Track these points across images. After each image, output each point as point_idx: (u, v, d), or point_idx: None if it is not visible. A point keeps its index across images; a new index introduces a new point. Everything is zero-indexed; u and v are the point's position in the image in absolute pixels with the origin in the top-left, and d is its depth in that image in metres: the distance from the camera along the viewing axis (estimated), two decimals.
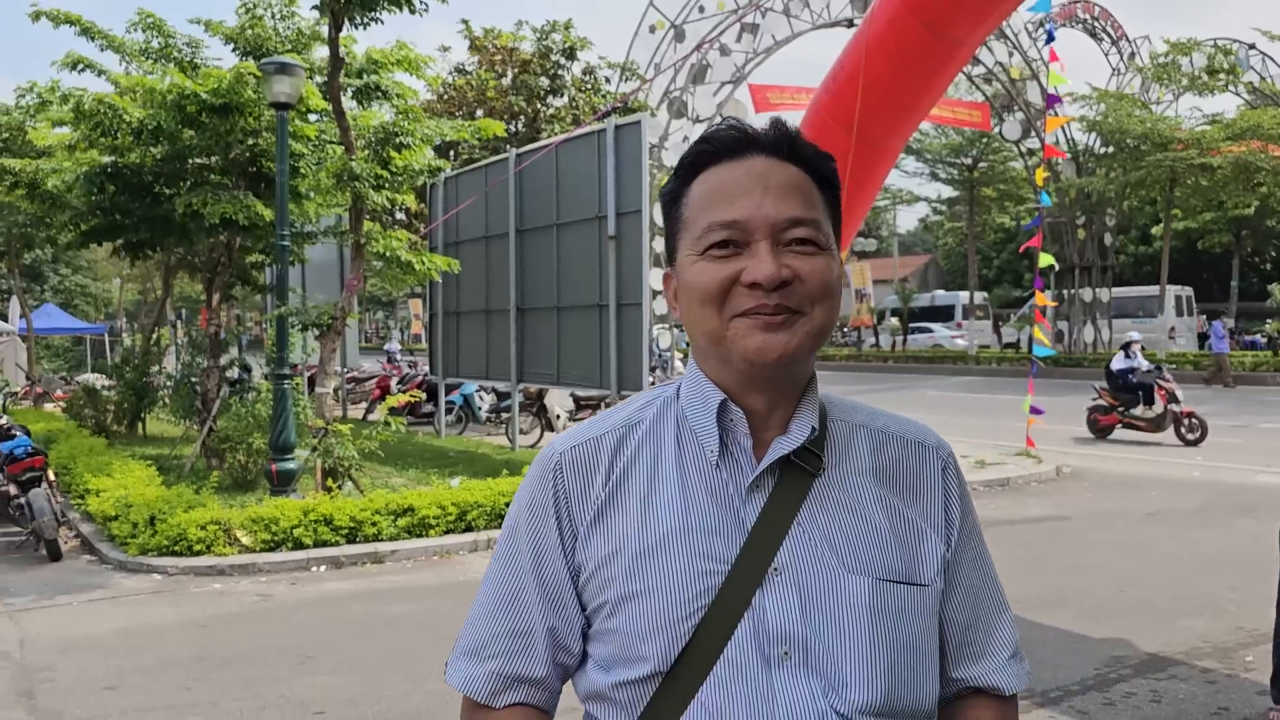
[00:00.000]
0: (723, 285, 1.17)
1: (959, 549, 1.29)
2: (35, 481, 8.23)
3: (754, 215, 1.17)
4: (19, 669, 5.53)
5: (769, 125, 1.24)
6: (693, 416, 1.24)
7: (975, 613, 1.29)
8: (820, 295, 1.19)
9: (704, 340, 1.21)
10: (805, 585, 1.18)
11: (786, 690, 1.15)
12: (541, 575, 1.24)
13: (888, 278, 49.38)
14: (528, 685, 1.25)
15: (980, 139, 30.99)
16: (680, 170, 1.26)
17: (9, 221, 17.77)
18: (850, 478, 1.24)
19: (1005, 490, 10.69)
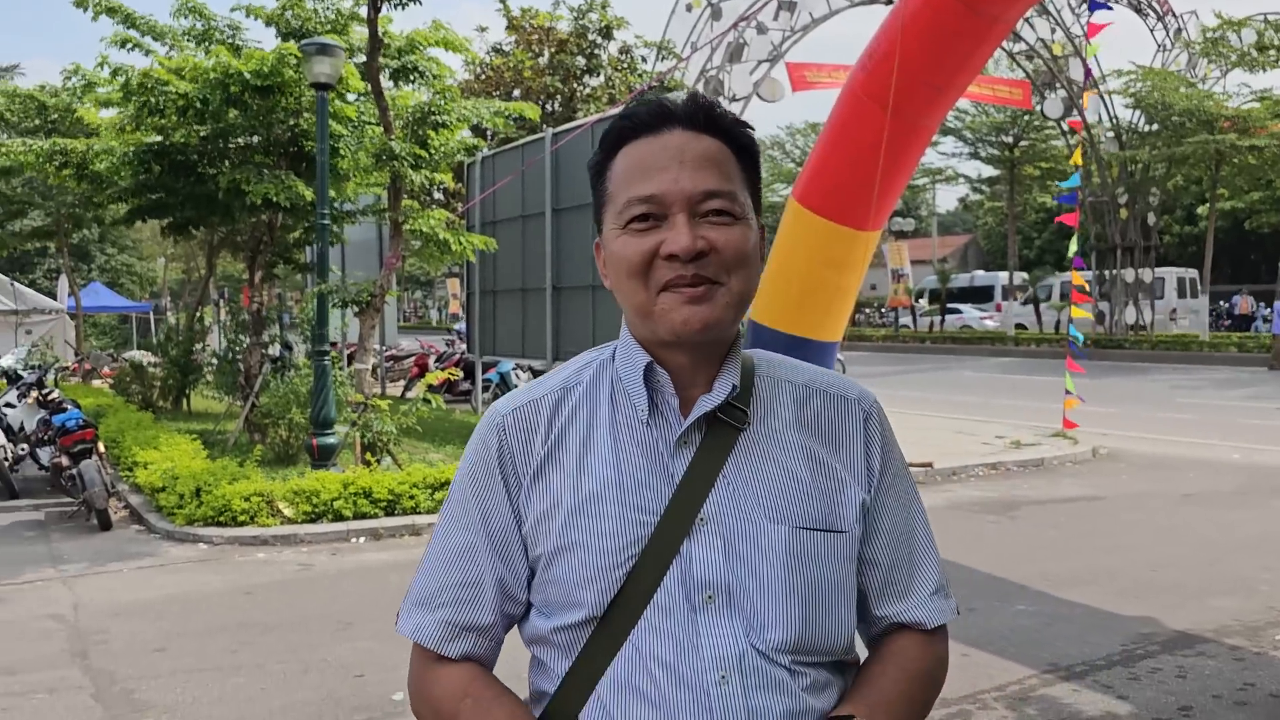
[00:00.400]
0: (644, 258, 1.23)
1: (880, 495, 1.35)
2: (86, 453, 8.48)
3: (670, 189, 1.23)
4: (74, 631, 5.75)
5: (687, 99, 1.29)
6: (624, 378, 1.31)
7: (897, 554, 1.36)
8: (736, 264, 1.25)
9: (632, 312, 1.28)
10: (729, 534, 1.25)
11: (710, 631, 1.23)
12: (490, 528, 1.31)
13: (927, 258, 48.96)
14: (475, 633, 1.31)
15: (1021, 117, 30.59)
16: (603, 145, 1.31)
17: (58, 201, 18.11)
18: (774, 431, 1.31)
19: (1040, 471, 10.66)
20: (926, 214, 54.51)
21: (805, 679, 1.26)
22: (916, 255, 49.39)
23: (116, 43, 10.91)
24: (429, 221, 10.12)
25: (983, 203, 48.33)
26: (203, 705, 4.60)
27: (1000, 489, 9.68)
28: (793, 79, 20.24)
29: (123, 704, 4.65)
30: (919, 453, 10.99)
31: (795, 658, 1.26)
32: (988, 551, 7.19)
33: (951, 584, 3.31)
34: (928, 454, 10.85)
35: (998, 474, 10.47)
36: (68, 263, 21.95)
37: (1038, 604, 5.94)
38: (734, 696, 1.21)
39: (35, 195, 18.38)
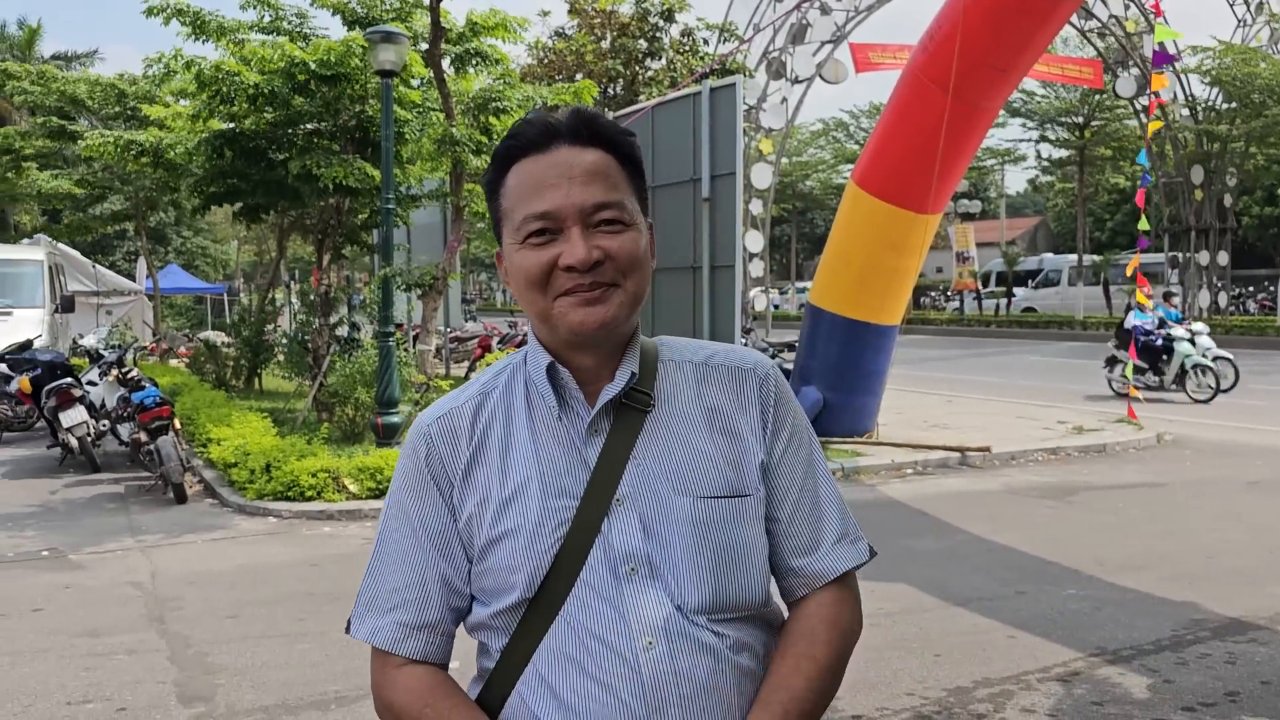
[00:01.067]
0: (543, 269, 1.33)
1: (778, 453, 1.44)
2: (163, 430, 8.84)
3: (563, 205, 1.32)
4: (151, 598, 6.05)
5: (569, 114, 1.37)
6: (535, 378, 1.41)
7: (799, 508, 1.44)
8: (630, 267, 1.35)
9: (535, 318, 1.38)
10: (644, 509, 1.35)
11: (635, 601, 1.33)
12: (428, 529, 1.40)
13: (995, 240, 48.10)
14: (427, 630, 1.40)
15: (1092, 96, 29.88)
16: (495, 162, 1.40)
17: (136, 186, 18.71)
18: (678, 410, 1.41)
19: (1101, 456, 10.54)
20: (995, 196, 53.52)
21: (728, 639, 1.35)
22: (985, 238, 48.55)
23: (189, 34, 11.26)
24: None
25: (1053, 184, 47.32)
26: (270, 669, 4.84)
27: (1059, 474, 9.60)
28: (856, 60, 20.04)
29: (196, 666, 4.91)
30: (977, 437, 10.94)
31: (715, 616, 1.35)
32: (1040, 536, 7.17)
33: (1000, 567, 3.46)
34: (986, 439, 10.79)
35: (1057, 459, 10.38)
36: (145, 246, 22.65)
37: (1088, 588, 5.93)
38: (661, 660, 1.31)
39: (115, 180, 19.01)
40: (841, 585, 1.45)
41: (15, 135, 19.74)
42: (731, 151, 10.96)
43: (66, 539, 7.48)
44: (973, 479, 9.45)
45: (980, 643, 5.05)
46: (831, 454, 10.11)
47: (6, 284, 15.53)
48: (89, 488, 9.48)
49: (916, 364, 21.30)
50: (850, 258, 10.47)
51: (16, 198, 23.01)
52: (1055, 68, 22.74)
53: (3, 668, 4.90)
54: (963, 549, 6.92)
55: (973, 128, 9.55)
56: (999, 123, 35.46)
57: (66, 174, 19.70)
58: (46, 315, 15.24)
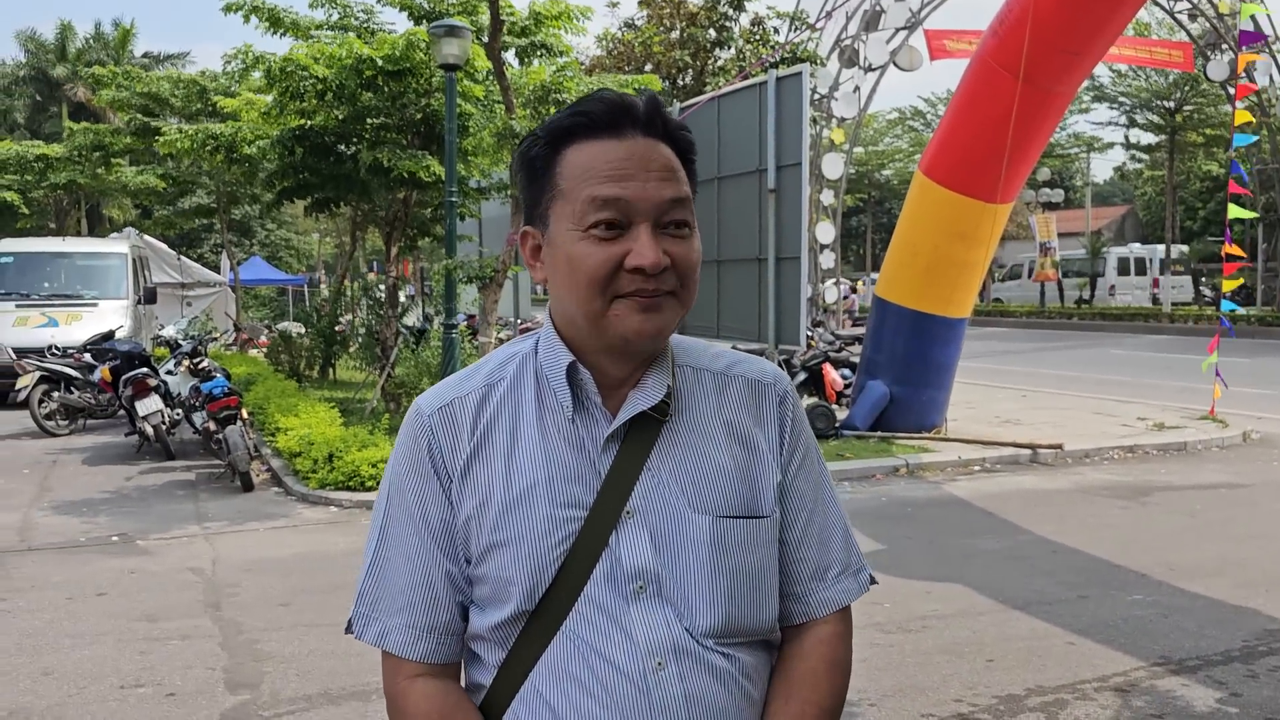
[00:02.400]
0: (610, 267, 1.22)
1: (791, 475, 1.37)
2: (231, 419, 9.05)
3: (640, 197, 1.23)
4: (210, 584, 6.19)
5: (646, 101, 1.28)
6: (550, 374, 1.31)
7: (806, 532, 1.38)
8: (688, 277, 1.27)
9: (581, 316, 1.26)
10: (655, 525, 1.27)
11: (643, 619, 1.25)
12: (430, 524, 1.31)
13: (1079, 230, 46.74)
14: (437, 632, 1.33)
15: (1184, 81, 28.79)
16: (551, 134, 1.27)
17: (218, 181, 19.22)
18: (696, 421, 1.33)
19: (1181, 455, 10.13)
20: (1080, 184, 51.99)
21: (740, 663, 1.30)
22: (1069, 228, 47.21)
23: (265, 31, 11.50)
24: None
25: (1141, 171, 45.78)
26: (317, 658, 4.90)
27: (1134, 473, 9.26)
28: (931, 47, 19.62)
29: (245, 653, 5.00)
30: (1050, 434, 10.61)
31: (724, 640, 1.29)
32: (1110, 538, 6.91)
33: (1064, 570, 3.25)
34: (1060, 435, 10.46)
35: (1134, 458, 10.01)
36: (227, 238, 23.26)
37: (1155, 594, 5.69)
38: (671, 682, 1.24)
39: (199, 175, 19.55)
40: (841, 619, 1.40)
41: (105, 132, 20.41)
42: (797, 142, 10.79)
43: (136, 524, 7.69)
44: (1043, 477, 9.17)
45: (1036, 649, 4.87)
46: (896, 449, 9.91)
47: (92, 276, 16.09)
48: (162, 474, 9.76)
49: (992, 357, 20.80)
50: (918, 249, 10.23)
51: (107, 192, 23.83)
52: (1143, 51, 21.97)
53: (63, 649, 5.04)
54: (1025, 550, 6.70)
55: (1045, 114, 9.24)
56: (1083, 107, 34.46)
57: (152, 169, 20.33)
58: (130, 306, 15.74)
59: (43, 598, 5.91)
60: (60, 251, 16.79)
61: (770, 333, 11.07)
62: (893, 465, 9.35)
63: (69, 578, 6.31)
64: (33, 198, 23.01)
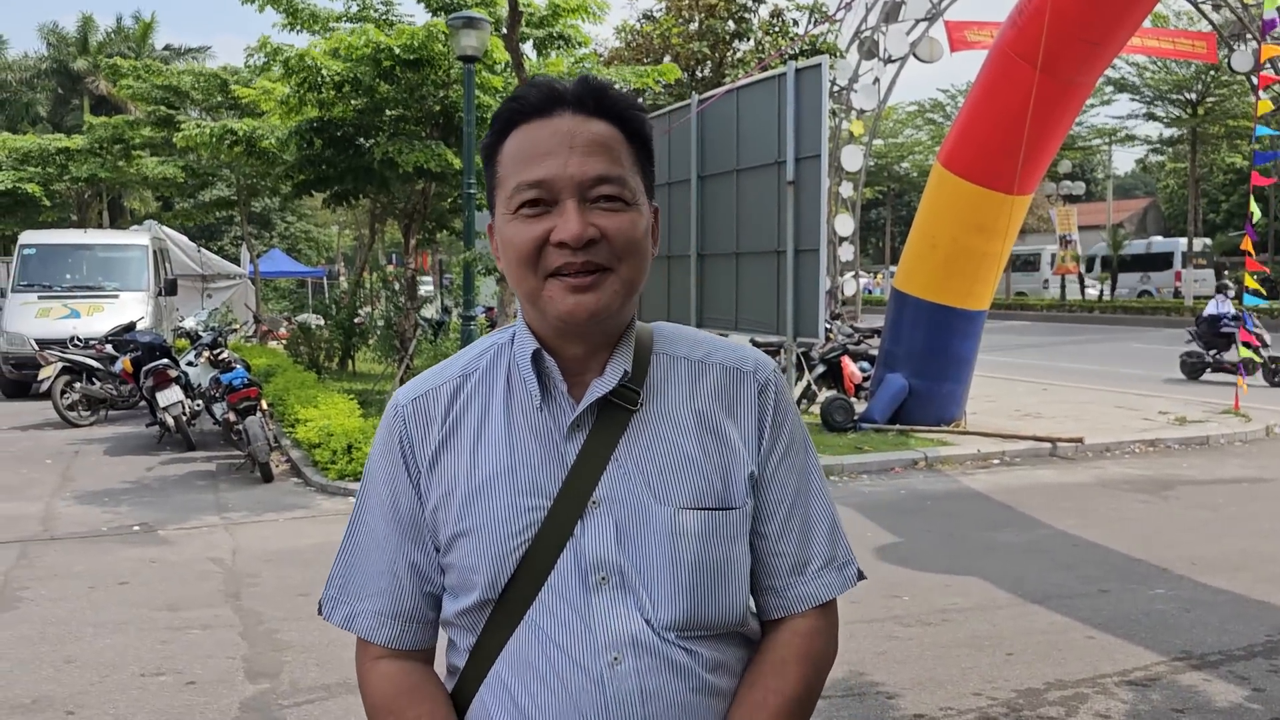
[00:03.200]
0: (534, 244, 1.22)
1: (771, 466, 1.34)
2: (251, 410, 9.10)
3: (559, 174, 1.22)
4: (230, 574, 6.22)
5: (576, 81, 1.28)
6: (520, 364, 1.31)
7: (787, 525, 1.34)
8: (626, 251, 1.24)
9: (523, 297, 1.28)
10: (621, 515, 1.26)
11: (604, 612, 1.24)
12: (399, 514, 1.33)
13: (1101, 223, 46.37)
14: (402, 619, 1.34)
15: (1207, 72, 28.48)
16: (494, 126, 1.29)
17: (239, 174, 19.32)
18: (667, 411, 1.31)
19: (1203, 449, 10.05)
20: (1102, 177, 51.56)
21: (701, 657, 1.27)
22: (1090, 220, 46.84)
23: (283, 25, 11.53)
24: None
25: (1164, 164, 45.36)
26: (336, 647, 4.91)
27: (1156, 467, 9.19)
28: (951, 39, 19.48)
29: (265, 642, 5.03)
30: (1071, 427, 10.54)
31: (687, 633, 1.27)
32: (1131, 532, 6.86)
33: (1084, 564, 3.20)
34: (1080, 429, 10.39)
35: (1155, 451, 9.93)
36: (247, 230, 23.38)
37: (1177, 588, 5.64)
38: (627, 677, 1.23)
39: (220, 167, 19.66)
40: (821, 614, 1.36)
41: (125, 125, 20.55)
42: (817, 134, 10.74)
43: (157, 514, 7.75)
44: (1063, 471, 9.11)
45: (1056, 643, 4.84)
46: (915, 443, 9.86)
47: (114, 268, 16.21)
48: (183, 465, 9.82)
49: (1013, 350, 20.68)
50: (936, 241, 10.18)
51: (128, 184, 24.01)
52: (1165, 41, 21.72)
53: (85, 638, 5.09)
54: (1045, 544, 6.66)
55: (1064, 105, 9.16)
56: (1104, 99, 34.15)
57: (173, 161, 20.45)
58: (150, 298, 15.85)
59: (65, 587, 5.96)
60: (82, 243, 16.92)
61: (789, 325, 11.04)
62: (911, 458, 9.31)
63: (91, 567, 6.37)
64: (55, 190, 23.20)
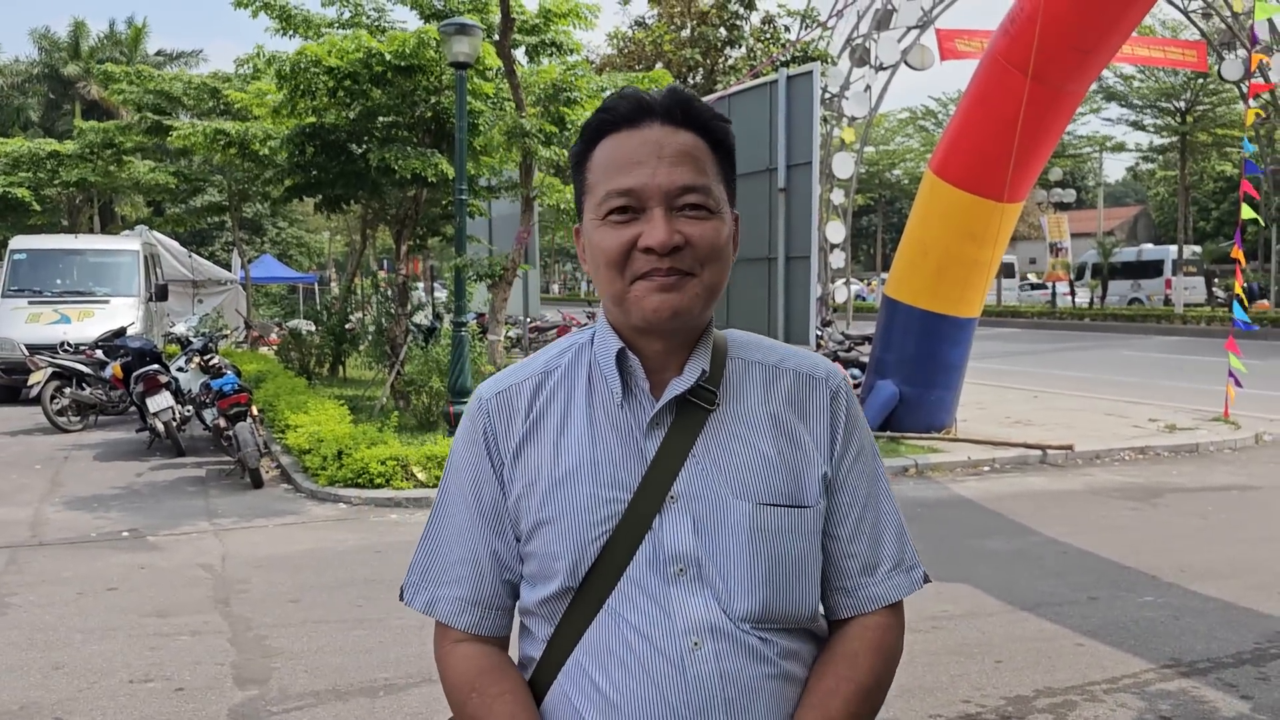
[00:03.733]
0: (622, 249, 1.29)
1: (844, 470, 1.40)
2: (241, 416, 9.07)
3: (648, 183, 1.28)
4: (220, 580, 6.20)
5: (665, 92, 1.33)
6: (602, 362, 1.37)
7: (859, 527, 1.40)
8: (709, 257, 1.30)
9: (609, 298, 1.34)
10: (698, 510, 1.32)
11: (682, 601, 1.30)
12: (481, 504, 1.39)
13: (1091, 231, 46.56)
14: (481, 606, 1.40)
15: (1195, 80, 28.64)
16: (584, 135, 1.36)
17: (230, 178, 19.28)
18: (743, 411, 1.37)
19: (1193, 456, 10.09)
20: (1093, 184, 51.78)
21: (775, 646, 1.32)
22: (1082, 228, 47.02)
23: (275, 30, 11.53)
24: (565, 195, 10.32)
25: (1154, 172, 45.58)
26: (325, 654, 4.90)
27: (1145, 475, 9.22)
28: (942, 48, 19.57)
29: (254, 649, 5.01)
30: (1061, 434, 10.58)
31: (762, 625, 1.32)
32: (1120, 539, 6.88)
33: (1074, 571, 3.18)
34: (1071, 436, 10.43)
35: (1145, 459, 9.97)
36: (238, 236, 23.33)
37: (1167, 596, 5.66)
38: (707, 661, 1.28)
39: (213, 173, 19.62)
40: (890, 613, 1.42)
41: (115, 130, 20.49)
42: (808, 141, 10.76)
43: (147, 520, 7.72)
44: (1053, 478, 9.13)
45: (1045, 650, 4.85)
46: (906, 450, 9.88)
47: (104, 273, 16.15)
48: (172, 471, 9.79)
49: (1004, 358, 20.74)
50: (928, 248, 10.21)
51: (119, 189, 23.93)
52: (1156, 50, 21.84)
53: (74, 644, 5.06)
54: (1035, 551, 6.67)
55: (1055, 113, 9.20)
56: (1094, 107, 34.32)
57: (164, 167, 20.40)
58: (141, 303, 15.79)
59: (53, 593, 5.93)
60: (72, 249, 16.86)
61: (780, 331, 11.05)
62: (902, 465, 9.33)
63: (80, 573, 6.34)
64: (45, 195, 23.11)
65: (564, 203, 10.42)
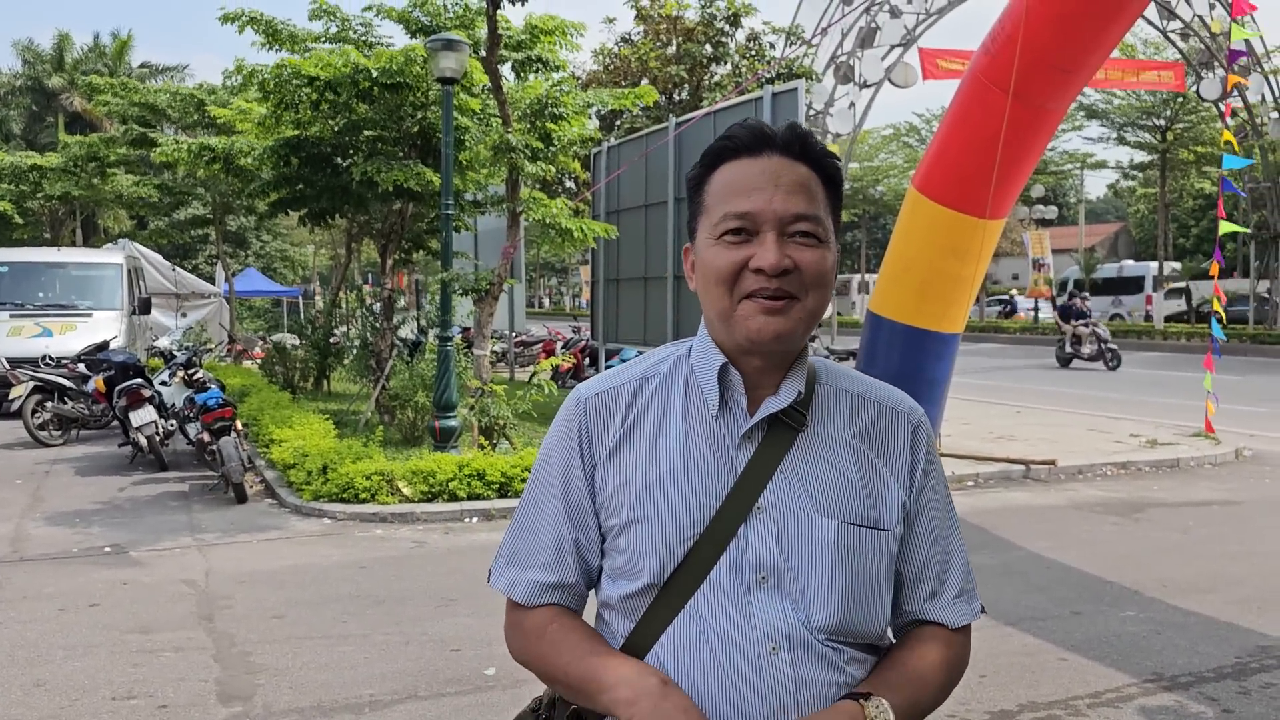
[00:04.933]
0: (734, 268, 1.37)
1: (920, 500, 1.49)
2: (225, 430, 9.03)
3: (764, 209, 1.36)
4: (203, 596, 6.17)
5: (785, 127, 1.43)
6: (700, 374, 1.44)
7: (931, 555, 1.49)
8: (815, 283, 1.38)
9: (714, 315, 1.42)
10: (783, 523, 1.39)
11: (761, 607, 1.37)
12: (569, 497, 1.47)
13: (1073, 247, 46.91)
14: (560, 590, 1.48)
15: (1175, 99, 28.97)
16: (705, 160, 1.44)
17: (214, 192, 19.24)
18: (829, 434, 1.44)
19: (1174, 472, 10.16)
20: (1074, 201, 52.21)
21: (846, 654, 1.40)
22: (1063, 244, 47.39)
23: (261, 45, 11.53)
24: (550, 210, 10.35)
25: (1134, 189, 46.01)
26: (310, 670, 4.88)
27: (1127, 490, 9.29)
28: (925, 67, 19.73)
29: (239, 665, 4.98)
30: (1044, 449, 10.64)
31: (835, 638, 1.39)
32: (1103, 554, 6.93)
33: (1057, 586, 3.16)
34: (1053, 451, 10.49)
35: (1127, 474, 10.04)
36: (222, 249, 23.25)
37: (1149, 610, 5.70)
38: (784, 665, 1.35)
39: (197, 186, 19.57)
40: (956, 637, 1.50)
41: (100, 143, 20.43)
42: None
43: (129, 536, 7.67)
44: (1036, 493, 9.19)
45: (1029, 664, 4.88)
46: None
47: (87, 286, 16.07)
48: (155, 485, 9.73)
49: (987, 373, 20.86)
50: (911, 264, 10.26)
51: (102, 202, 23.84)
52: (1129, 74, 22.09)
53: (55, 661, 5.02)
54: (1019, 566, 6.71)
55: (1036, 131, 9.27)
56: (1076, 125, 34.64)
57: (148, 180, 20.33)
58: (124, 317, 15.72)
59: (35, 609, 5.89)
60: (55, 262, 16.78)
61: None
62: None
63: (61, 589, 6.29)
64: (28, 208, 23.02)
65: (549, 218, 10.43)
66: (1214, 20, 22.98)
